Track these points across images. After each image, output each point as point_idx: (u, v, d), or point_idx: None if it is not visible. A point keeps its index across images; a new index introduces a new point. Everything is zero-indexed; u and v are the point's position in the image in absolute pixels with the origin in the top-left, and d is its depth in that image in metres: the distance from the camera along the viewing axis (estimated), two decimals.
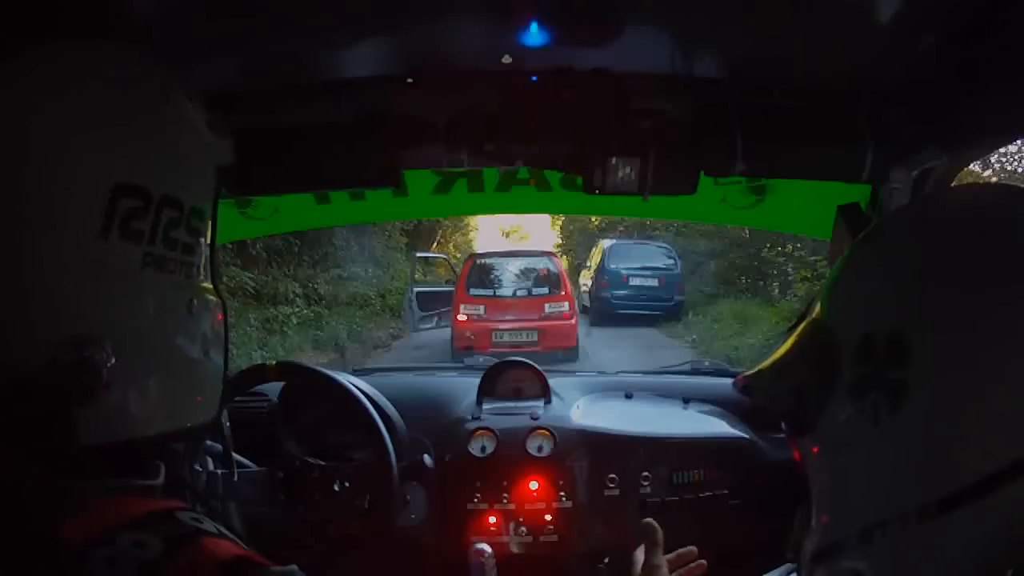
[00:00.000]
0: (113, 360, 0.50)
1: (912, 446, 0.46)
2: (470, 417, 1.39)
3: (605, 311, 9.63)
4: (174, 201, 0.55)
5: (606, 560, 1.30)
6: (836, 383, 0.51)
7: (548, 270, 7.90)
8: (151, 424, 0.55)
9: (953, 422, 0.45)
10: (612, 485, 1.32)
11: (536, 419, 1.37)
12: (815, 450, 0.54)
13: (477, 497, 1.30)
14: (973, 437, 0.44)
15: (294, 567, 0.50)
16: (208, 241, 0.60)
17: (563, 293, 7.62)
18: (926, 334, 0.47)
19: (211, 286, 0.61)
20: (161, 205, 0.54)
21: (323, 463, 1.26)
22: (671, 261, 10.20)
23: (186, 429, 0.59)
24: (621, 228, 13.49)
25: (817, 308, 0.57)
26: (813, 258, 8.73)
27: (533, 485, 1.30)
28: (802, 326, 0.58)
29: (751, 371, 0.64)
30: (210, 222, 0.61)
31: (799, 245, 9.22)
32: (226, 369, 0.62)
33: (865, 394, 0.49)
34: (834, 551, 0.52)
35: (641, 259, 10.11)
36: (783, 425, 0.62)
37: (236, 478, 1.24)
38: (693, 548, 0.86)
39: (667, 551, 0.81)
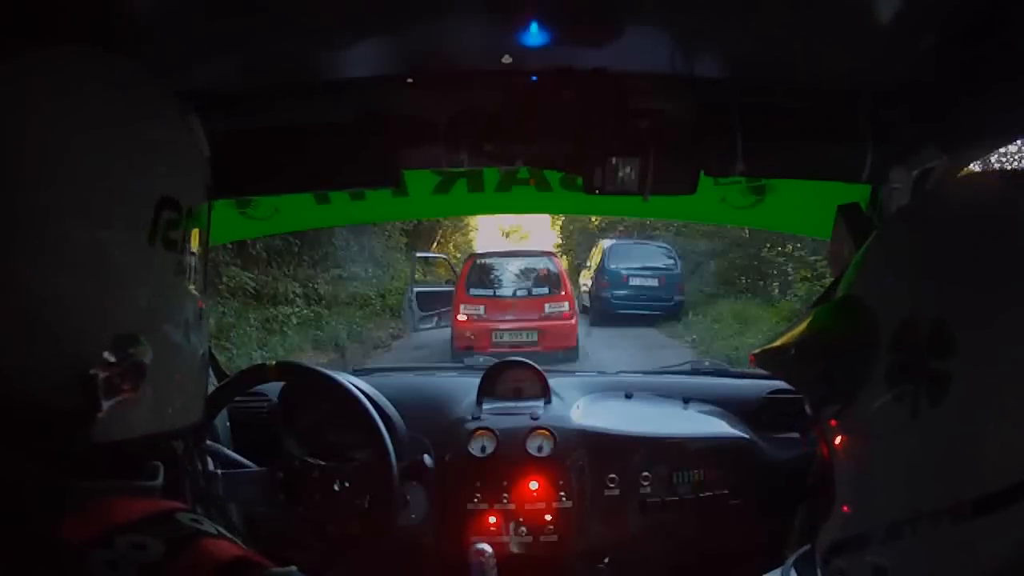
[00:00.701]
0: (151, 358, 0.52)
1: (950, 441, 0.43)
2: (470, 417, 1.39)
3: (605, 311, 9.62)
4: (194, 211, 0.57)
5: (606, 560, 1.31)
6: (872, 366, 0.47)
7: (548, 270, 7.90)
8: (164, 421, 0.56)
9: (995, 419, 0.42)
10: (612, 485, 1.32)
11: (536, 419, 1.37)
12: (843, 436, 0.50)
13: (477, 497, 1.30)
14: (1013, 437, 0.41)
15: (294, 568, 0.50)
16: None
17: (563, 293, 7.62)
18: (969, 324, 0.43)
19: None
20: (188, 214, 0.55)
21: (323, 463, 1.26)
22: (671, 261, 10.21)
23: (190, 426, 0.60)
24: (621, 228, 13.48)
25: (847, 282, 0.53)
26: (813, 258, 8.73)
27: (533, 485, 1.30)
28: (830, 303, 0.54)
29: (770, 344, 0.60)
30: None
31: (799, 245, 9.22)
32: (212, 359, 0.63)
33: (904, 382, 0.45)
34: (857, 544, 0.49)
35: (641, 259, 10.11)
36: (807, 407, 0.56)
37: (236, 478, 1.24)
38: None
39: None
